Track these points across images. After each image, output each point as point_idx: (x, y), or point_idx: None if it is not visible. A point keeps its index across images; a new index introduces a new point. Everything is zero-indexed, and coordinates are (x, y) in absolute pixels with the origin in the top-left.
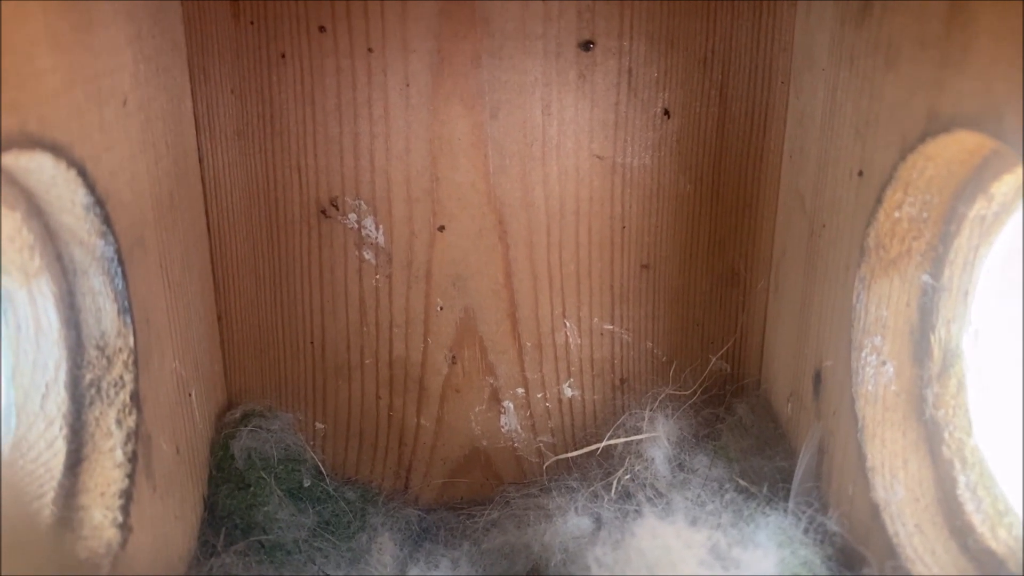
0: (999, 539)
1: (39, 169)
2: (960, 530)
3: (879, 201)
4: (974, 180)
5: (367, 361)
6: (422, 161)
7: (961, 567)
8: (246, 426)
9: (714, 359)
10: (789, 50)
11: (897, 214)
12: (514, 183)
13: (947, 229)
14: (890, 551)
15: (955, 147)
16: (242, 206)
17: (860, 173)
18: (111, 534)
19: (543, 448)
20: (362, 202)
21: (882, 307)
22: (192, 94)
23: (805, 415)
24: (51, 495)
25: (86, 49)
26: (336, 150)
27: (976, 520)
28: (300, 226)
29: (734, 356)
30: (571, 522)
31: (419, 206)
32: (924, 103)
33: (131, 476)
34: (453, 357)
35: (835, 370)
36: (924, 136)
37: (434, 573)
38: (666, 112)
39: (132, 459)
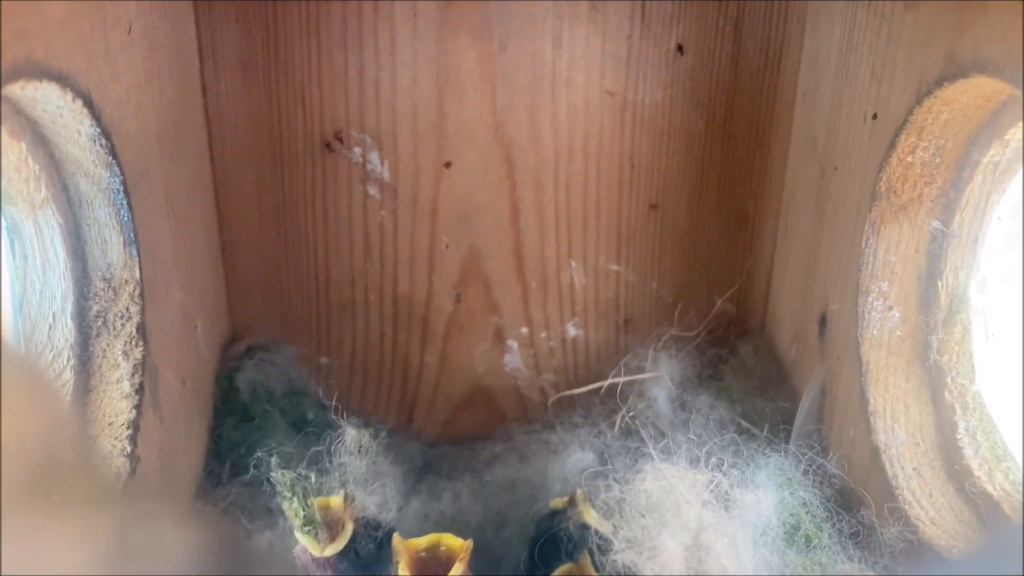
0: (995, 483)
1: (45, 99)
2: (958, 474)
3: (892, 145)
4: (990, 126)
5: (371, 297)
6: (428, 94)
7: (957, 510)
8: (251, 359)
9: (720, 301)
10: None
11: (910, 159)
12: (522, 119)
13: (960, 175)
14: (888, 493)
15: (972, 92)
16: (245, 138)
17: (874, 116)
18: (120, 463)
19: (546, 387)
20: (367, 136)
21: (891, 252)
22: (196, 23)
23: (809, 358)
24: None
25: None
26: (341, 82)
27: (974, 464)
28: (304, 159)
29: (739, 298)
30: (574, 456)
31: (425, 141)
32: (943, 46)
33: (138, 407)
34: (457, 295)
35: (841, 314)
36: (942, 80)
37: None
38: (679, 48)
39: (139, 390)
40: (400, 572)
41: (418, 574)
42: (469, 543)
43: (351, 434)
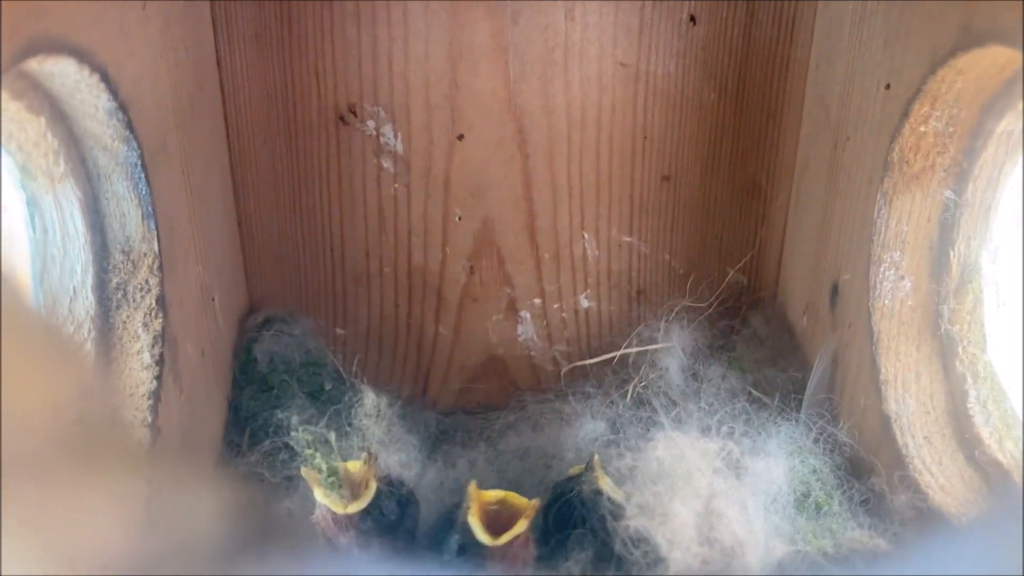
0: (1006, 451)
1: (63, 74)
2: (968, 442)
3: (905, 115)
4: (1004, 95)
5: (386, 269)
6: (441, 67)
7: (967, 478)
8: (268, 330)
9: (732, 272)
10: None
11: (923, 128)
12: (535, 91)
13: (973, 144)
14: (899, 461)
15: (987, 61)
16: (260, 112)
17: (887, 86)
18: (141, 433)
19: (558, 357)
20: (380, 108)
21: (903, 222)
22: None
23: (820, 328)
24: None
25: None
26: (354, 54)
27: (984, 433)
28: (318, 132)
29: (752, 269)
30: (586, 426)
31: (438, 113)
32: (957, 16)
33: (159, 378)
34: (471, 267)
35: (853, 284)
36: (956, 50)
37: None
38: (692, 18)
39: (159, 361)
40: (470, 518)
41: (486, 523)
42: (536, 502)
43: (370, 397)
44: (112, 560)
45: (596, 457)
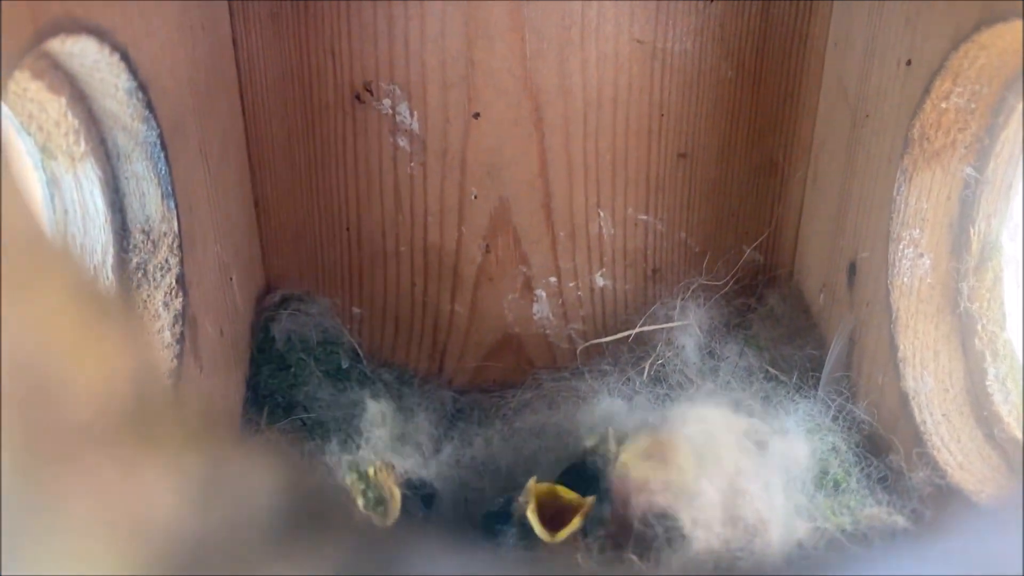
0: None
1: (83, 54)
2: (986, 420)
3: (926, 91)
4: None
5: (402, 248)
6: (457, 45)
7: (985, 455)
8: (285, 310)
9: (748, 250)
10: None
11: (944, 105)
12: (551, 69)
13: (995, 121)
14: (917, 439)
15: (1010, 37)
16: (276, 91)
17: (908, 62)
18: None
19: (574, 335)
20: (396, 87)
21: (922, 199)
22: None
23: (837, 306)
24: None
25: None
26: (370, 33)
27: (1003, 411)
28: (334, 112)
29: (768, 247)
30: (603, 403)
31: (454, 92)
32: None
33: (179, 357)
34: (487, 246)
35: (871, 262)
36: (979, 25)
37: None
38: None
39: (180, 340)
40: (528, 513)
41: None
42: (592, 499)
43: (372, 407)
44: (173, 534)
45: (610, 429)
